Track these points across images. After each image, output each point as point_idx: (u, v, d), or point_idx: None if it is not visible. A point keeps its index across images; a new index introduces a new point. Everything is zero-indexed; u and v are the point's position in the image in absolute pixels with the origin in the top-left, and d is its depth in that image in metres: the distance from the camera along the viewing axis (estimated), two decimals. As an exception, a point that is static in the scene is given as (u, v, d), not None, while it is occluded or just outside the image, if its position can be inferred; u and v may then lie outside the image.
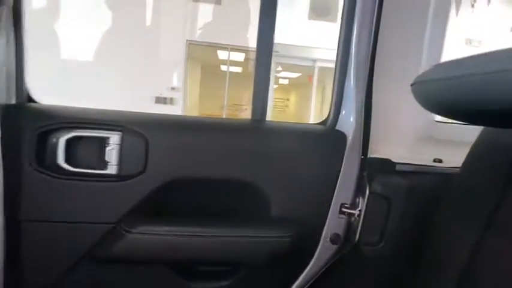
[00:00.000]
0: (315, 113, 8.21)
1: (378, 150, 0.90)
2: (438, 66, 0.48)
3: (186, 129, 0.81)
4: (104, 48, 6.05)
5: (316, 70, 7.88)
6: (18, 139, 0.71)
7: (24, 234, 0.73)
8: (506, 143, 0.64)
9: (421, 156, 0.93)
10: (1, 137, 0.69)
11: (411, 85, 0.51)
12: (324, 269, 0.88)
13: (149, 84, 6.53)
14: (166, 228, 0.77)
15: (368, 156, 0.88)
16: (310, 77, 8.23)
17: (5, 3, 0.65)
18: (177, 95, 6.88)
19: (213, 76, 8.13)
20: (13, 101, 0.76)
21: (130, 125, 0.74)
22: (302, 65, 8.20)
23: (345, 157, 0.86)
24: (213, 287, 0.83)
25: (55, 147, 0.71)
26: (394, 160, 0.90)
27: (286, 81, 10.05)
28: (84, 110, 0.77)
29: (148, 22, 6.43)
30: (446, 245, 0.67)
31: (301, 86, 9.64)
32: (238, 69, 8.22)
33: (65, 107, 0.77)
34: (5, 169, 0.70)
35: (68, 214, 0.73)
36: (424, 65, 0.90)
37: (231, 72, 7.75)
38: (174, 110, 6.80)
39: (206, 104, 8.12)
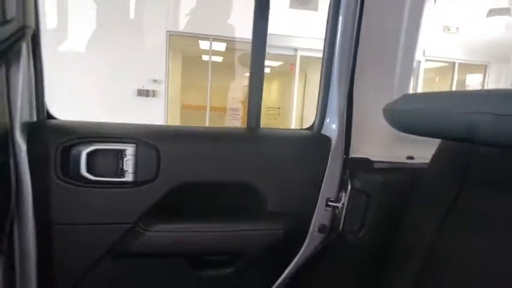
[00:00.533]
0: (297, 100, 8.31)
1: (359, 150, 1.02)
2: (404, 98, 0.61)
3: (192, 139, 0.91)
4: (83, 40, 5.97)
5: (298, 59, 7.94)
6: (44, 153, 0.80)
7: (54, 235, 0.82)
8: (463, 147, 0.77)
9: (396, 154, 1.07)
10: (28, 152, 0.78)
11: (383, 110, 0.63)
12: (313, 255, 1.01)
13: (130, 76, 6.48)
14: (178, 225, 0.88)
15: (350, 156, 1.00)
16: (292, 66, 8.32)
17: (26, 36, 0.73)
18: (159, 87, 6.86)
19: (194, 66, 8.10)
20: (35, 118, 0.84)
21: (143, 138, 0.84)
22: (284, 54, 8.27)
23: (329, 158, 0.98)
24: (219, 274, 0.95)
25: (77, 159, 0.81)
26: (372, 159, 1.03)
27: (268, 70, 10.10)
28: (101, 125, 0.87)
29: (128, 14, 6.35)
30: (413, 232, 0.80)
31: (283, 74, 9.71)
32: (219, 59, 8.21)
33: (84, 123, 0.87)
34: (33, 180, 0.79)
35: (92, 217, 0.84)
36: (397, 78, 1.02)
37: (212, 62, 7.74)
38: (157, 103, 6.80)
39: (188, 96, 8.11)
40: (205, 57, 7.91)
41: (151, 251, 0.87)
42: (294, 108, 8.36)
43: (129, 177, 0.83)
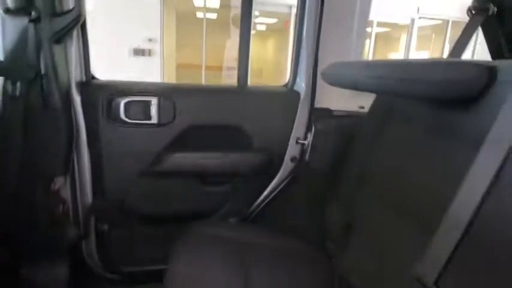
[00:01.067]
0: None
1: (322, 102, 1.34)
2: (332, 65, 0.94)
3: (197, 93, 1.25)
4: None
5: (292, 16, 7.96)
6: (94, 104, 1.13)
7: (103, 161, 1.18)
8: (388, 97, 1.07)
9: (351, 104, 1.38)
10: (82, 103, 1.11)
11: (321, 73, 0.96)
12: (287, 179, 1.38)
13: (126, 36, 6.55)
14: (189, 154, 1.23)
15: (314, 107, 1.32)
16: (287, 22, 8.36)
17: (80, 22, 1.03)
18: (155, 47, 6.94)
19: (189, 24, 8.07)
20: (84, 79, 1.16)
21: (163, 92, 1.17)
22: (279, 12, 8.27)
23: (299, 108, 1.31)
24: (219, 190, 1.33)
25: (118, 108, 1.14)
26: (331, 108, 1.36)
27: (263, 27, 10.07)
28: (132, 83, 1.19)
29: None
30: (353, 158, 1.14)
31: (278, 31, 9.72)
32: (214, 16, 8.19)
33: (120, 82, 1.19)
34: (86, 123, 1.13)
35: (130, 148, 1.19)
36: (353, 42, 1.29)
37: (209, 19, 7.73)
38: (153, 62, 6.92)
39: (183, 54, 8.11)
40: (199, 15, 7.87)
41: (171, 172, 1.24)
42: (289, 64, 8.46)
43: (154, 120, 1.17)
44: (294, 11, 7.75)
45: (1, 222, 0.97)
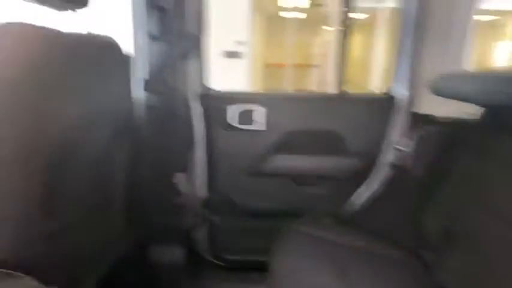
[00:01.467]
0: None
1: (422, 108, 1.31)
2: (440, 76, 0.95)
3: (297, 101, 1.36)
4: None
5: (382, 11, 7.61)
6: (209, 111, 1.31)
7: (217, 160, 1.35)
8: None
9: (452, 110, 1.32)
10: (199, 111, 1.29)
11: (428, 84, 0.98)
12: (380, 184, 1.40)
13: (217, 39, 6.93)
14: (288, 156, 1.35)
15: (413, 112, 1.31)
16: (377, 17, 8.01)
17: (200, 41, 1.21)
18: (244, 49, 7.23)
19: (276, 25, 8.24)
20: (201, 90, 1.35)
21: (268, 101, 1.31)
22: (366, 6, 7.98)
23: (398, 114, 1.32)
24: (315, 191, 1.42)
25: (229, 114, 1.31)
26: (432, 114, 1.33)
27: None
28: (241, 93, 1.37)
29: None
30: (456, 167, 1.06)
31: (365, 25, 9.36)
32: (303, 16, 8.22)
33: (231, 92, 1.36)
34: (203, 128, 1.31)
35: (238, 150, 1.35)
36: (451, 50, 1.25)
37: (296, 19, 7.79)
38: (243, 64, 7.22)
39: (272, 55, 8.28)
40: (287, 15, 7.98)
41: (273, 172, 1.37)
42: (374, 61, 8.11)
43: (259, 126, 1.32)
44: (386, 5, 7.40)
45: (137, 208, 1.19)
